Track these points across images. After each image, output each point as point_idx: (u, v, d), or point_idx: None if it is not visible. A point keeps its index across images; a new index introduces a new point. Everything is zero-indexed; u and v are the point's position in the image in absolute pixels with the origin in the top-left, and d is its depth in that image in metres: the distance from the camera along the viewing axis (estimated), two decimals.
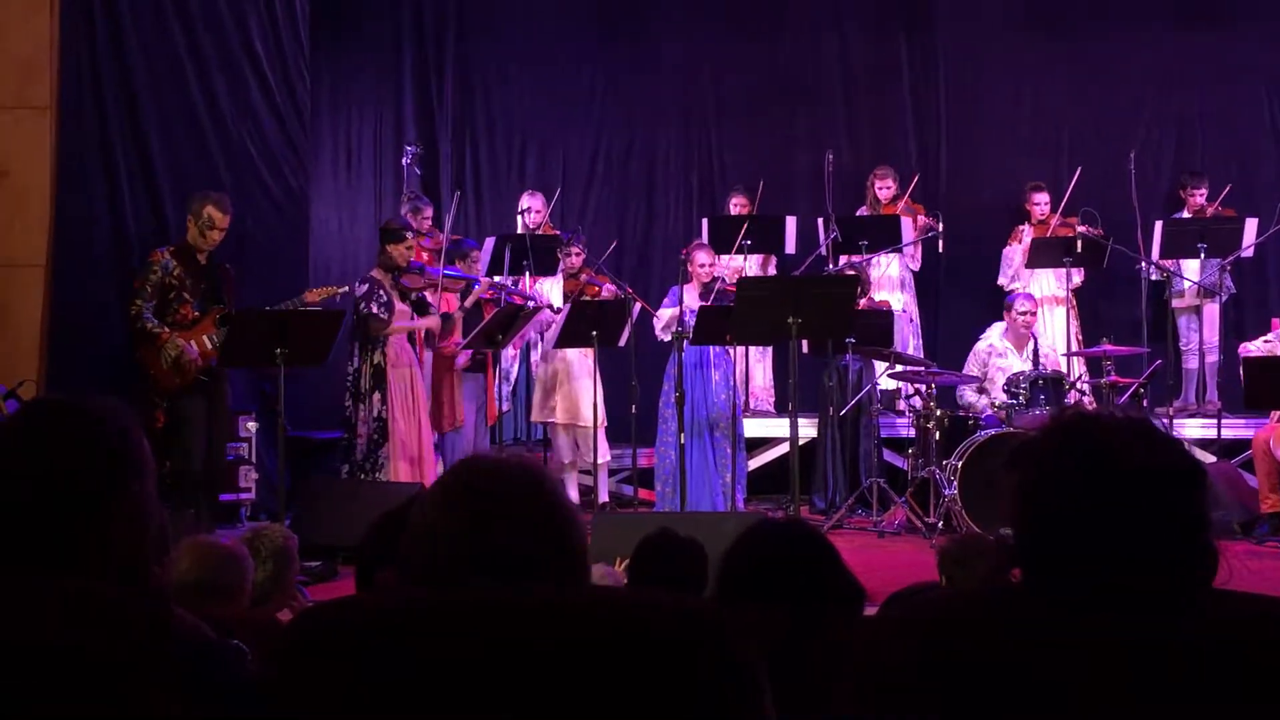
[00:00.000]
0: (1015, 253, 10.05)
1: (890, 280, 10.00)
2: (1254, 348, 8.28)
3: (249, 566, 3.68)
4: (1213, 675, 1.58)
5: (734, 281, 8.38)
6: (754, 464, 9.28)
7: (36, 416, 1.92)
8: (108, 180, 7.75)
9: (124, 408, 1.91)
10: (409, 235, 8.14)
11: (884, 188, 10.14)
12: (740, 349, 9.26)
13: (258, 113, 8.80)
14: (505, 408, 9.43)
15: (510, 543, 1.69)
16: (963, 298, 10.58)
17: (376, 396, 7.88)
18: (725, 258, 9.46)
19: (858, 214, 10.15)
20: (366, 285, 7.96)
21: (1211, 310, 9.85)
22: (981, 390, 8.81)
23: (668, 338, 8.55)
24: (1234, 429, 9.14)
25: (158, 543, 1.93)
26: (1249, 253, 9.63)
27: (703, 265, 8.70)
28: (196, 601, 3.22)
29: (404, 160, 10.09)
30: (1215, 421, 9.21)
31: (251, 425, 8.31)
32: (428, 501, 1.77)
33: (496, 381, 8.88)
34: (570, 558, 1.73)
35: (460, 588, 1.68)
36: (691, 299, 8.50)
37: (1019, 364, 8.81)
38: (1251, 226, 9.45)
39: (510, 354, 9.52)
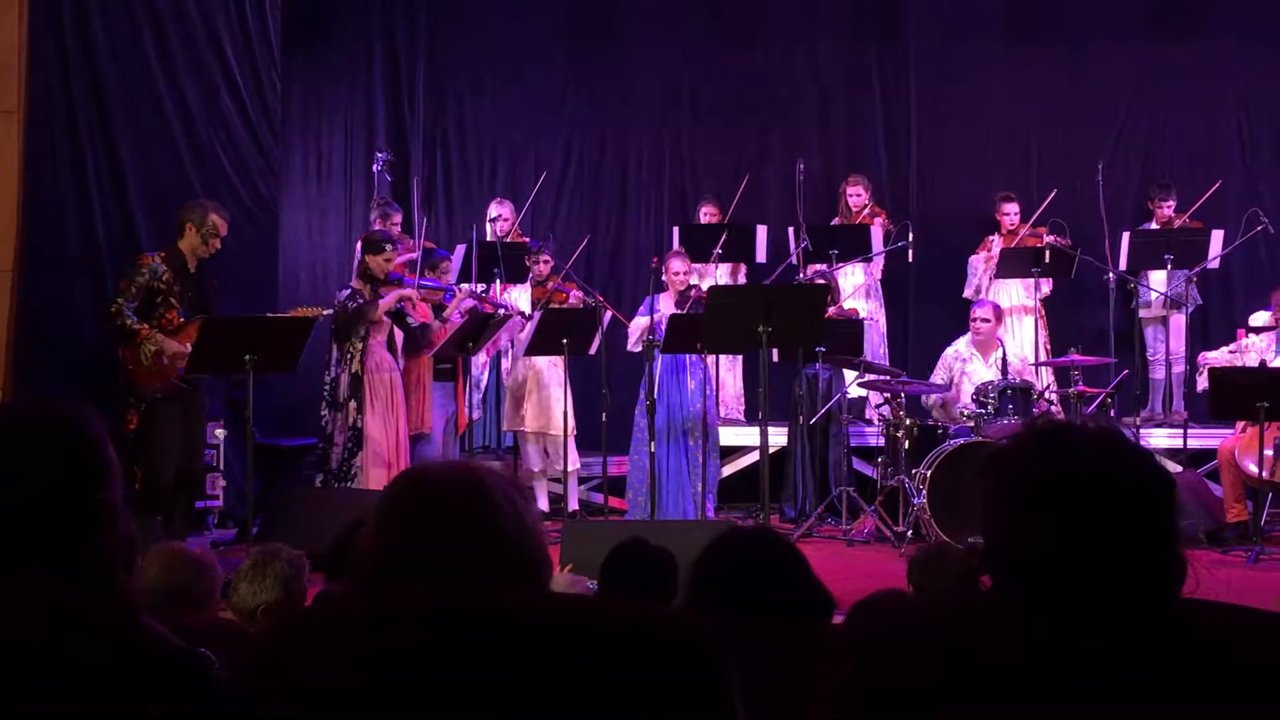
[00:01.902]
0: (979, 261, 10.10)
1: (855, 287, 10.03)
2: (1214, 356, 8.34)
3: (217, 574, 3.67)
4: (1181, 684, 1.59)
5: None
6: (724, 472, 9.29)
7: (2, 423, 1.91)
8: (77, 185, 7.71)
9: (91, 414, 1.90)
10: (388, 247, 8.12)
11: (855, 195, 10.18)
12: (711, 357, 9.27)
13: (228, 119, 8.76)
14: (476, 415, 9.41)
15: (444, 550, 1.70)
16: (932, 307, 10.62)
17: (353, 405, 7.85)
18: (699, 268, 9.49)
19: (832, 223, 10.19)
20: (348, 291, 7.96)
21: (1178, 321, 9.93)
22: (944, 405, 8.85)
23: (638, 349, 8.56)
24: (1200, 439, 9.21)
25: (125, 550, 1.93)
26: (1215, 264, 9.71)
27: (677, 274, 8.71)
28: (165, 609, 3.20)
29: (375, 167, 10.06)
30: (1181, 431, 9.28)
31: (220, 432, 8.27)
32: (371, 513, 1.78)
33: (467, 389, 8.87)
34: (512, 563, 1.73)
35: (415, 592, 1.69)
36: (667, 307, 8.51)
37: (984, 371, 8.86)
38: (1217, 239, 9.54)
39: (481, 361, 9.50)
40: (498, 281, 9.38)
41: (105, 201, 7.87)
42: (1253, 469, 7.67)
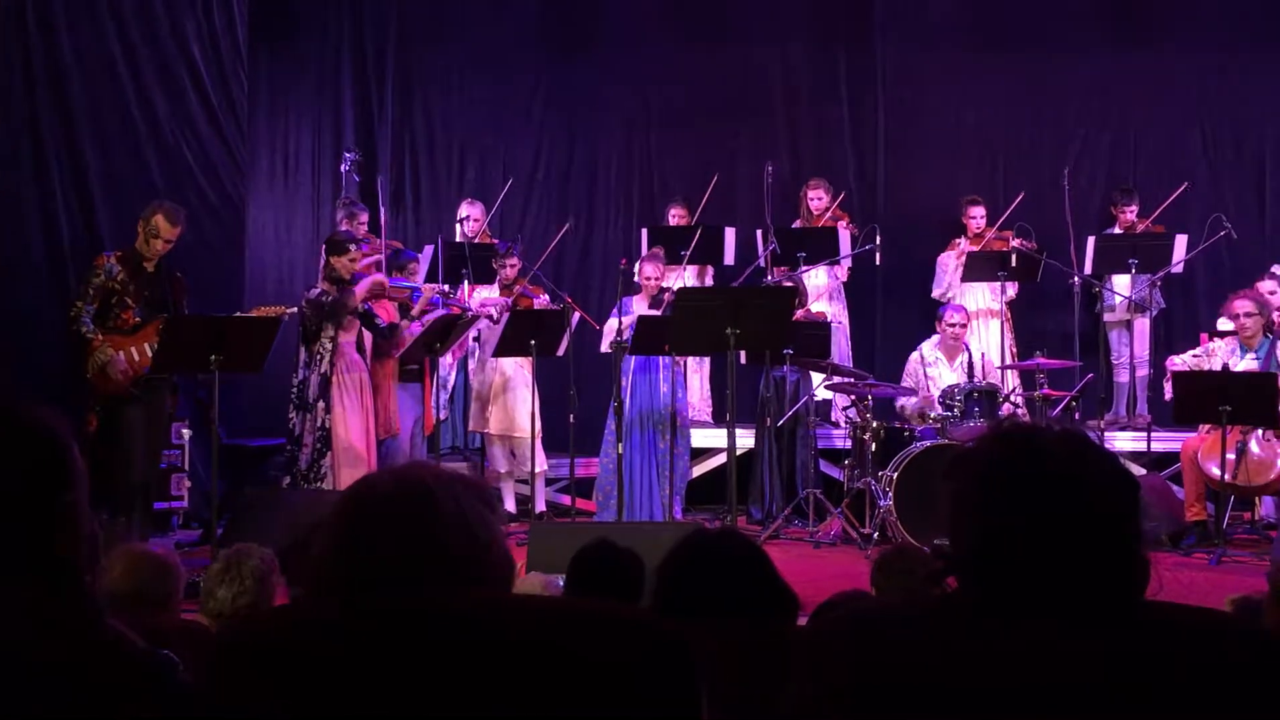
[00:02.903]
0: (949, 259, 10.14)
1: (818, 289, 10.07)
2: (1180, 361, 8.41)
3: (180, 575, 3.64)
4: (1145, 686, 1.60)
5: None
6: (693, 473, 9.30)
7: None
8: (39, 184, 7.65)
9: (57, 416, 1.89)
10: (352, 247, 8.08)
11: (816, 198, 10.22)
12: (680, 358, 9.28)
13: (194, 118, 8.72)
14: (443, 416, 9.39)
15: (388, 558, 1.70)
16: (899, 309, 10.67)
17: (322, 406, 7.81)
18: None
19: (793, 226, 10.21)
20: (317, 290, 7.91)
21: (1142, 325, 10.02)
22: (922, 415, 8.88)
23: (609, 350, 8.57)
24: (1163, 442, 9.28)
25: (89, 551, 1.91)
26: (1179, 269, 9.80)
27: (650, 278, 8.73)
28: (128, 610, 3.18)
29: (343, 167, 10.02)
30: (1145, 434, 9.35)
31: (185, 432, 8.22)
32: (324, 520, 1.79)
33: (434, 390, 8.85)
34: (461, 566, 1.73)
35: (363, 599, 1.69)
36: (640, 309, 8.52)
37: (949, 374, 8.90)
38: (1181, 243, 9.62)
39: (448, 362, 9.48)
40: (465, 283, 9.36)
41: (68, 201, 7.81)
42: (1216, 473, 7.74)
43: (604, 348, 8.73)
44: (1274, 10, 10.74)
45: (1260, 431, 7.82)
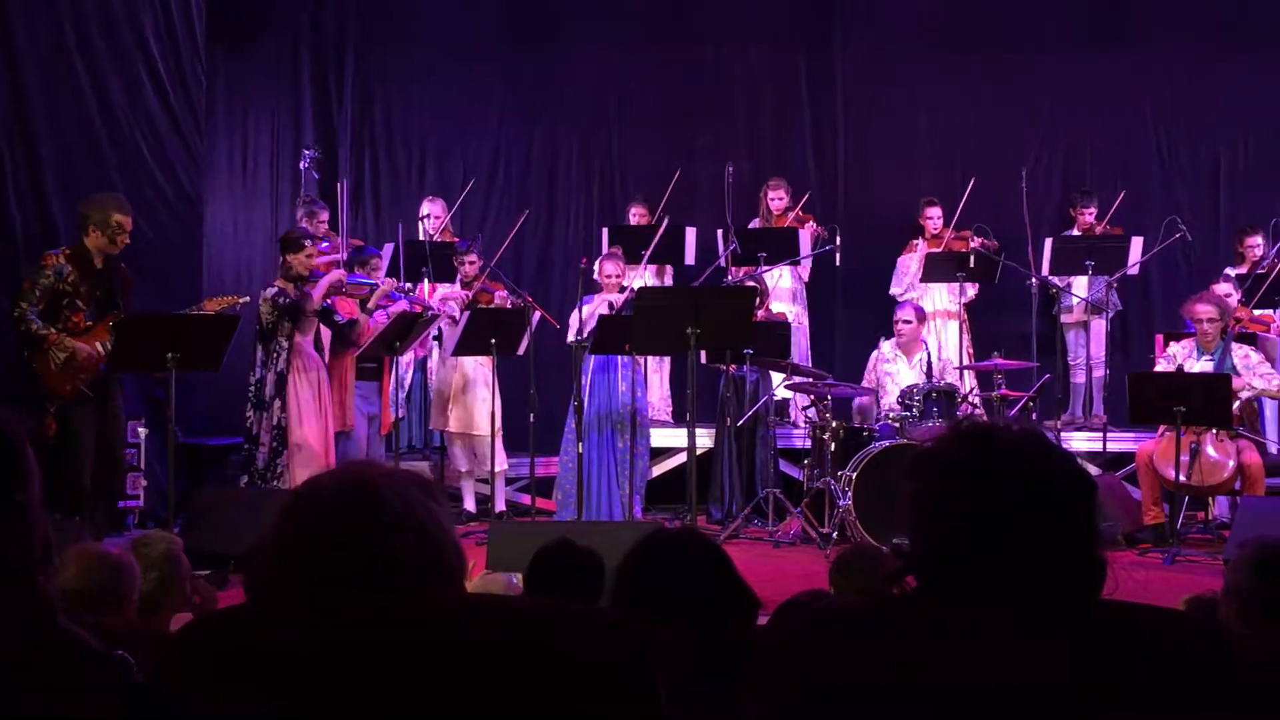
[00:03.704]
0: (911, 261, 10.18)
1: (782, 291, 10.09)
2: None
3: (135, 575, 3.62)
4: (1105, 685, 1.61)
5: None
6: (652, 473, 9.30)
7: None
8: None
9: (9, 415, 1.87)
10: (308, 244, 8.03)
11: (776, 199, 10.24)
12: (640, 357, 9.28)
13: (152, 113, 8.64)
14: (400, 414, 9.35)
15: (334, 560, 1.69)
16: (858, 310, 10.72)
17: (278, 405, 7.77)
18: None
19: (750, 226, 10.23)
20: (275, 289, 7.86)
21: (1098, 326, 10.10)
22: (865, 413, 8.92)
23: (574, 340, 8.58)
24: (1119, 442, 9.37)
25: (42, 551, 1.90)
26: (1135, 270, 9.88)
27: (610, 276, 8.72)
28: (83, 610, 3.15)
29: (301, 164, 9.96)
30: (1101, 435, 9.43)
31: (141, 431, 8.14)
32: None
33: (392, 388, 8.81)
34: (409, 567, 1.72)
35: (327, 597, 1.68)
36: (601, 307, 8.52)
37: (907, 372, 8.95)
38: (1137, 245, 9.71)
39: (405, 361, 9.44)
40: (425, 280, 9.32)
41: (22, 198, 7.72)
42: (1171, 475, 7.82)
43: (570, 338, 8.72)
44: (1230, 15, 10.86)
45: (1214, 432, 7.91)
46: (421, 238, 9.70)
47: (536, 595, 3.51)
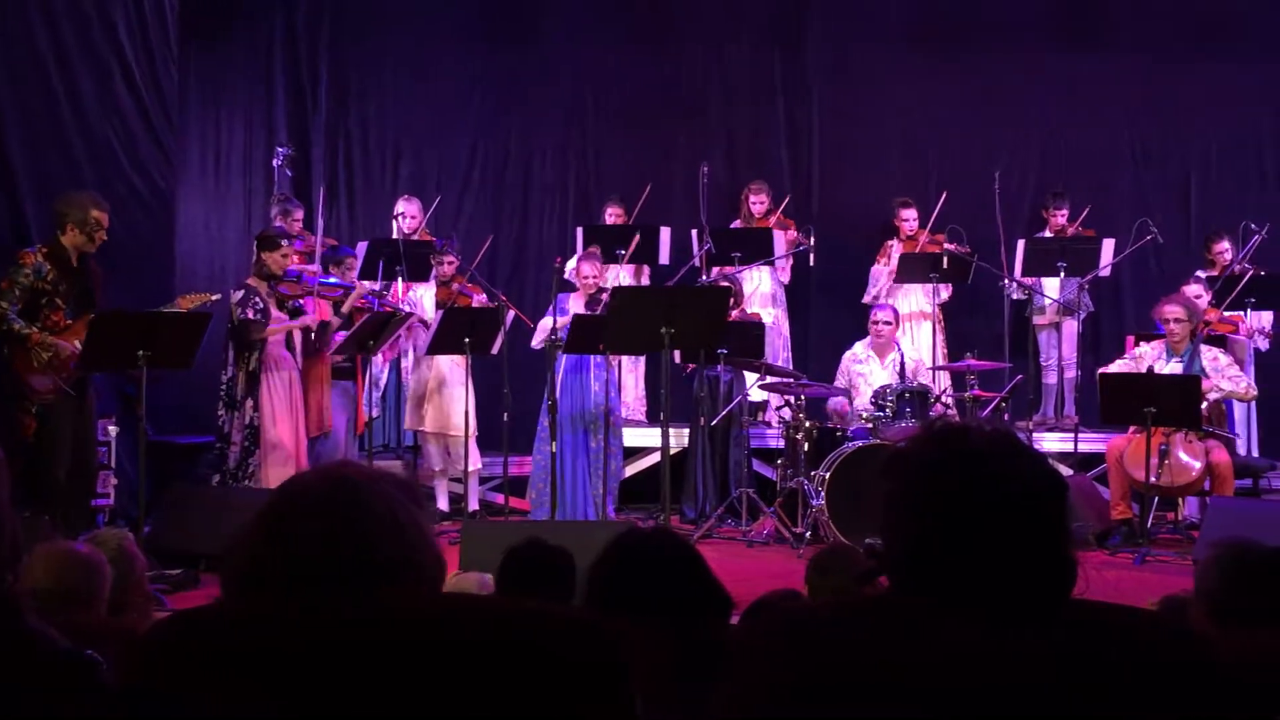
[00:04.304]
0: (881, 273, 10.25)
1: (762, 296, 10.12)
2: (1112, 369, 8.51)
3: (106, 573, 3.59)
4: (1073, 683, 1.62)
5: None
6: (626, 473, 9.30)
7: None
8: None
9: None
10: (284, 243, 8.00)
11: (757, 202, 10.27)
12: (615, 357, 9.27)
13: (123, 109, 8.59)
14: (375, 414, 9.32)
15: (313, 559, 1.69)
16: (833, 311, 10.74)
17: (250, 404, 7.73)
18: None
19: (731, 227, 10.25)
20: (242, 292, 7.81)
21: (1070, 327, 10.16)
22: (840, 415, 8.94)
23: (540, 346, 8.56)
24: (1090, 443, 9.42)
25: (10, 550, 1.88)
26: (1106, 272, 9.94)
27: (587, 277, 8.71)
28: (52, 609, 3.13)
29: (275, 162, 9.92)
30: (1072, 435, 9.48)
31: (112, 429, 8.09)
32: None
33: (366, 388, 8.78)
34: (388, 566, 1.71)
35: (304, 596, 1.67)
36: (576, 309, 8.51)
37: (880, 373, 8.97)
38: (1109, 247, 9.77)
39: (379, 361, 9.42)
40: (399, 280, 9.29)
41: None
42: (1141, 476, 7.86)
43: (535, 344, 8.70)
44: (1203, 20, 10.92)
45: (1183, 433, 7.96)
46: (396, 236, 9.67)
47: (508, 594, 3.51)
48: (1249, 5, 10.92)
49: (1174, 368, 8.18)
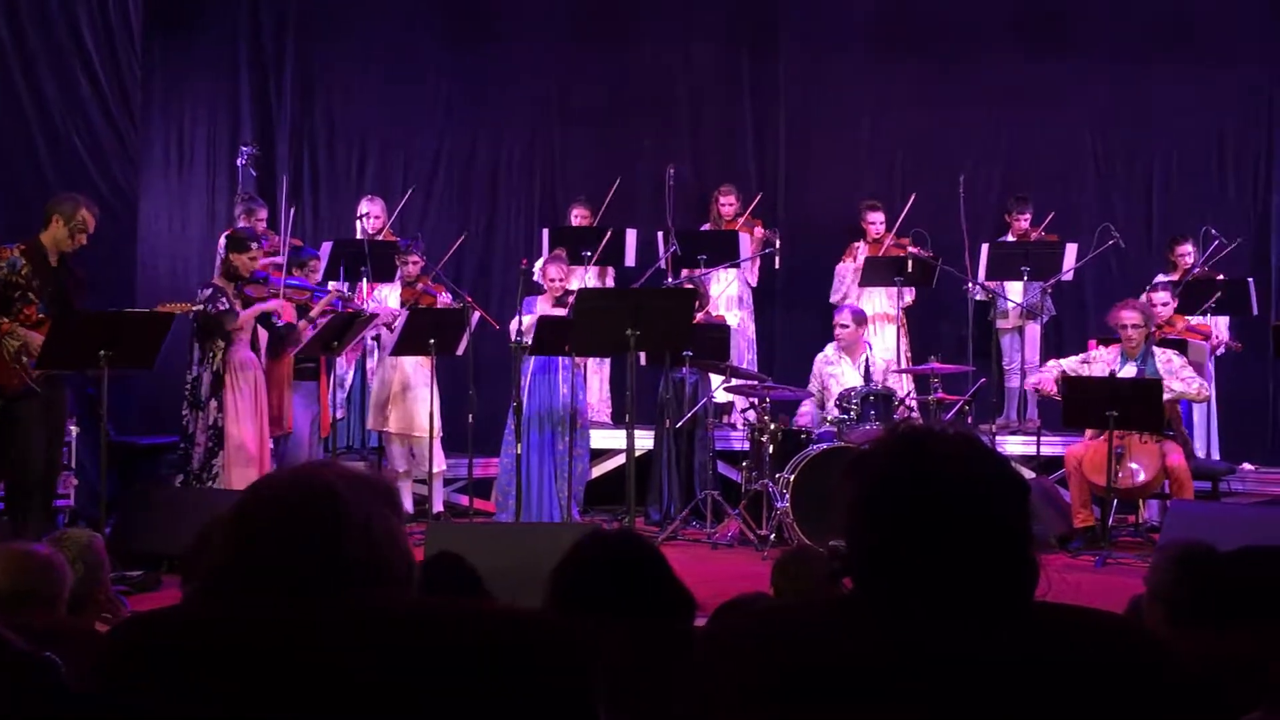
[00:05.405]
0: (847, 270, 10.28)
1: (730, 299, 10.13)
2: (1066, 363, 8.56)
3: (65, 574, 3.56)
4: (1036, 686, 1.63)
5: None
6: (591, 474, 9.29)
7: None
8: None
9: None
10: (254, 245, 7.96)
11: (727, 204, 10.30)
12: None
13: (86, 107, 8.53)
14: (339, 415, 9.28)
15: (287, 560, 1.68)
16: (799, 313, 10.77)
17: (214, 404, 7.69)
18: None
19: (701, 229, 10.26)
20: (210, 290, 7.77)
21: (1033, 331, 10.22)
22: (822, 406, 8.95)
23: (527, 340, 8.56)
24: (1052, 446, 9.48)
25: None
26: (1069, 276, 10.01)
27: (553, 280, 8.70)
28: (10, 611, 3.10)
29: (239, 161, 9.86)
30: (1035, 438, 9.54)
31: (73, 429, 8.02)
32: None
33: (330, 389, 8.74)
34: (361, 568, 1.71)
35: (272, 598, 1.67)
36: (544, 310, 8.50)
37: (852, 374, 8.98)
38: (1071, 251, 9.83)
39: (344, 361, 9.38)
40: (364, 280, 9.25)
41: None
42: (1101, 482, 7.92)
43: (524, 338, 8.68)
44: (1166, 25, 11.01)
45: (1138, 436, 8.02)
46: (360, 236, 9.63)
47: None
48: (1212, 10, 11.01)
49: (1129, 370, 8.24)
